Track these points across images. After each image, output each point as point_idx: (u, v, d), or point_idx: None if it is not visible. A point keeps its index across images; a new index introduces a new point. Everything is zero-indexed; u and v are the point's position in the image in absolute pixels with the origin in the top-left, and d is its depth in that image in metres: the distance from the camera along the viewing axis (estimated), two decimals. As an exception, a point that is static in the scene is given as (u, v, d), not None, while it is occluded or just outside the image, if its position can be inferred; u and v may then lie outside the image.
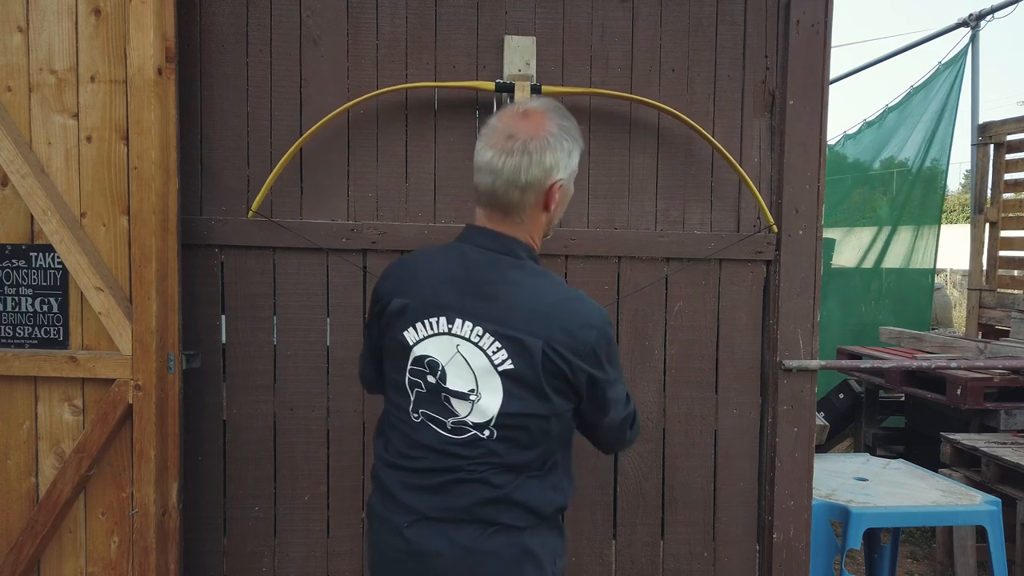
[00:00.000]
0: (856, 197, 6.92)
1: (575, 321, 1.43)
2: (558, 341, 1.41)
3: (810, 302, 2.30)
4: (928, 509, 2.68)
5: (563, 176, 1.47)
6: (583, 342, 1.42)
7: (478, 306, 1.43)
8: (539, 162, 1.42)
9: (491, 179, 1.43)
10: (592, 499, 2.32)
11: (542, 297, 1.44)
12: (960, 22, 5.79)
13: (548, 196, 1.47)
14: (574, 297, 1.47)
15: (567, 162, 1.47)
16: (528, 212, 1.47)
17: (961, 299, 9.66)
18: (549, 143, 1.43)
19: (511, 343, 1.41)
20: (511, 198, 1.44)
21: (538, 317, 1.41)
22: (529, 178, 1.43)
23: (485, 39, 2.25)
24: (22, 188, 2.09)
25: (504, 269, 1.46)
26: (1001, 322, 5.23)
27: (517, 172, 1.42)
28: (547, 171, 1.44)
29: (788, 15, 2.27)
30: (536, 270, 1.48)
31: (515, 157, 1.42)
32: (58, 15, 2.10)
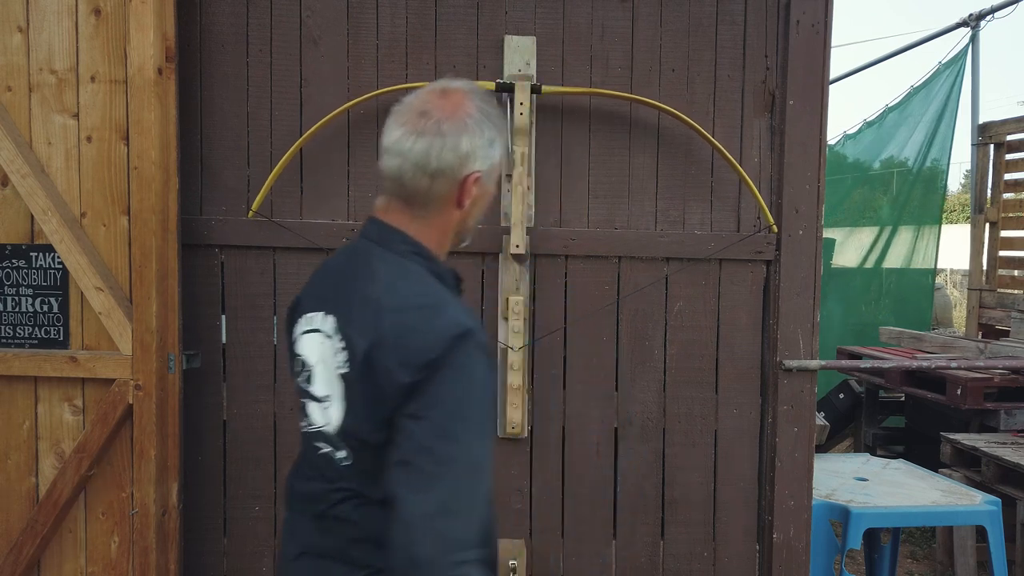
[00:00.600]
0: (856, 197, 6.92)
1: (416, 328, 1.15)
2: (387, 347, 1.14)
3: (810, 302, 2.30)
4: (928, 509, 2.68)
5: (481, 168, 1.25)
6: (416, 354, 1.13)
7: (340, 300, 1.25)
8: (454, 146, 1.22)
9: (397, 162, 1.23)
10: (592, 499, 2.32)
11: (392, 295, 1.20)
12: (960, 22, 5.79)
13: (462, 189, 1.25)
14: (431, 304, 1.19)
15: (487, 152, 1.26)
16: (436, 205, 1.26)
17: (961, 299, 9.66)
18: (467, 126, 1.23)
19: (349, 342, 1.20)
20: (418, 185, 1.23)
21: (377, 316, 1.18)
22: (441, 163, 1.22)
23: (485, 39, 2.25)
24: (22, 188, 2.09)
25: (372, 261, 1.26)
26: (1001, 322, 5.23)
27: (427, 155, 1.21)
28: (462, 158, 1.23)
29: (788, 15, 2.27)
30: (403, 266, 1.25)
31: (426, 138, 1.21)
32: (58, 15, 2.10)
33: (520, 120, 2.16)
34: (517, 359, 2.20)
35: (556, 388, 2.30)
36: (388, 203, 1.29)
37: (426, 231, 1.28)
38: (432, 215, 1.27)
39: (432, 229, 1.29)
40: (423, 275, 1.25)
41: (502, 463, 2.29)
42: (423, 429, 1.11)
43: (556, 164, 2.27)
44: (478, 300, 2.27)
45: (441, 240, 1.31)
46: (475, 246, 2.24)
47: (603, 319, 2.30)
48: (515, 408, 2.21)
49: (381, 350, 1.15)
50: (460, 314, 1.19)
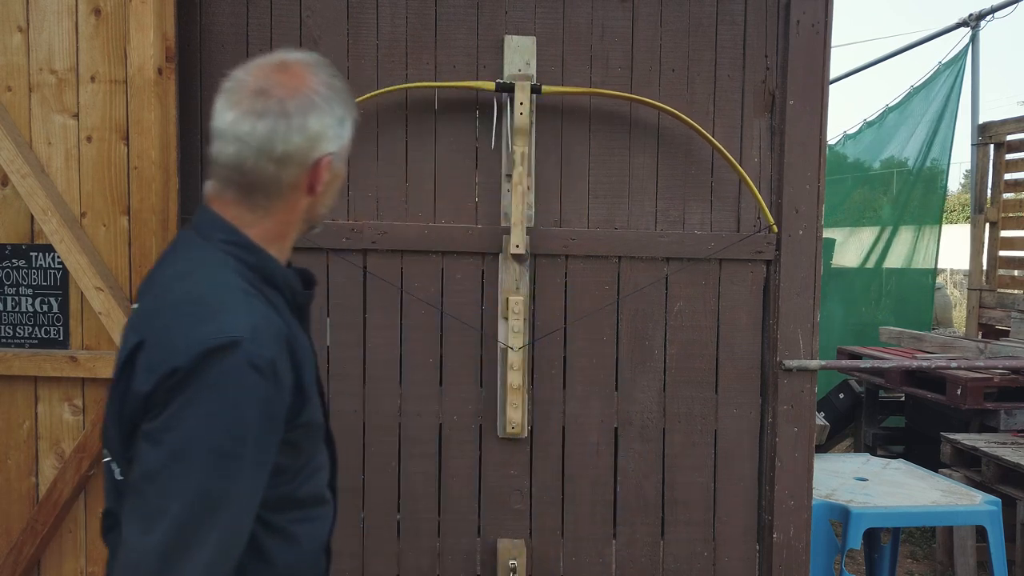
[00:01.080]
0: (857, 197, 6.92)
1: (173, 331, 0.99)
2: (144, 350, 1.00)
3: (810, 302, 2.30)
4: (928, 509, 2.68)
5: (333, 149, 1.12)
6: (160, 361, 0.97)
7: (142, 293, 1.12)
8: (301, 127, 1.07)
9: (234, 148, 1.07)
10: (592, 499, 2.32)
11: (169, 291, 1.06)
12: (960, 22, 5.79)
13: (314, 174, 1.11)
14: (203, 305, 1.02)
15: (338, 132, 1.13)
16: (284, 195, 1.11)
17: (961, 299, 9.66)
18: (315, 104, 1.09)
19: (123, 341, 1.06)
20: (262, 173, 1.08)
21: (149, 314, 1.05)
22: (288, 148, 1.07)
23: (485, 39, 2.25)
24: (22, 188, 2.09)
25: (179, 251, 1.13)
26: (1001, 322, 5.23)
27: (271, 139, 1.06)
28: (312, 140, 1.09)
29: (788, 15, 2.27)
30: (204, 259, 1.09)
31: (268, 119, 1.06)
32: (58, 15, 2.10)
33: (520, 120, 2.16)
34: (517, 359, 2.20)
35: (556, 388, 2.30)
36: (222, 191, 1.12)
37: (264, 222, 1.12)
38: (275, 204, 1.12)
39: (272, 220, 1.13)
40: (222, 271, 1.07)
41: (502, 463, 2.29)
42: (155, 454, 0.95)
43: (556, 164, 2.27)
44: (478, 300, 2.27)
45: (283, 231, 1.15)
46: (475, 246, 2.24)
47: (603, 319, 2.30)
48: (515, 408, 2.21)
49: (140, 353, 1.00)
50: (236, 322, 0.99)
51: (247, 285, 1.07)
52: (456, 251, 2.25)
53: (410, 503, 2.28)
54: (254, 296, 1.06)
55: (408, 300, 2.25)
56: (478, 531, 2.29)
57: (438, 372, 2.28)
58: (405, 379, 2.27)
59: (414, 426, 2.28)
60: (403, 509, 2.28)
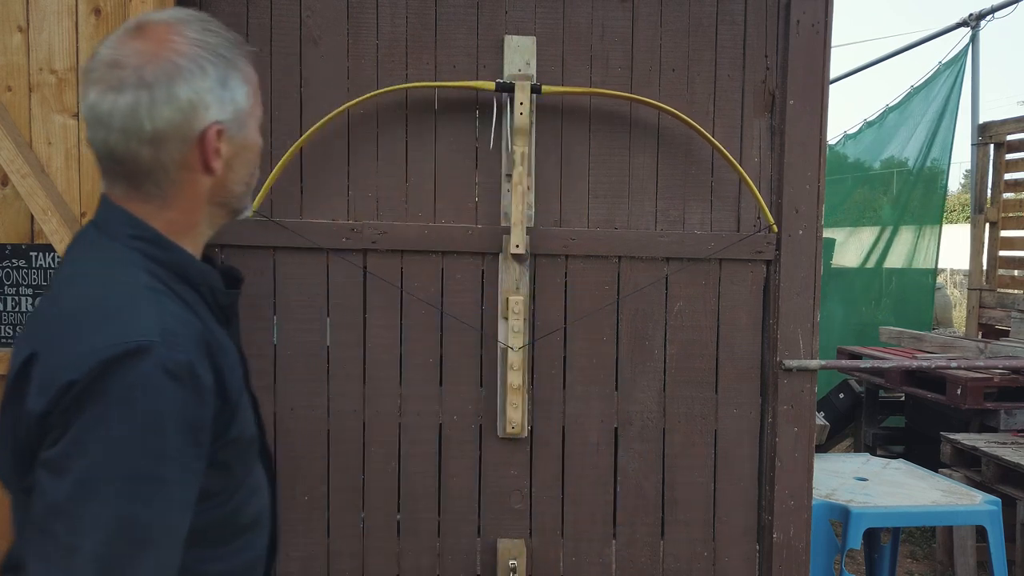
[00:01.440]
0: (857, 197, 6.92)
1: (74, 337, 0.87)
2: (41, 360, 0.87)
3: (810, 302, 2.30)
4: (928, 509, 2.68)
5: (221, 116, 0.97)
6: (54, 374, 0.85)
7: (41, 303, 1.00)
8: (168, 98, 0.93)
9: (102, 133, 0.94)
10: (592, 499, 2.32)
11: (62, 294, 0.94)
12: (960, 22, 5.79)
13: (203, 148, 0.97)
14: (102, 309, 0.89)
15: (222, 95, 0.97)
16: (176, 179, 0.97)
17: (961, 299, 9.66)
18: (180, 68, 0.94)
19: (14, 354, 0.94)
20: (140, 159, 0.95)
21: (41, 322, 0.93)
22: (157, 124, 0.93)
23: (485, 39, 2.25)
24: (22, 188, 2.09)
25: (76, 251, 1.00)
26: (1001, 322, 5.23)
27: (134, 117, 0.92)
28: (186, 111, 0.94)
29: (788, 15, 2.27)
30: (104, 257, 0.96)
31: (127, 93, 0.92)
32: (58, 15, 2.10)
33: (520, 120, 2.16)
34: (517, 359, 2.20)
35: (556, 388, 2.30)
36: (111, 186, 0.99)
37: (165, 213, 0.99)
38: (171, 191, 0.98)
39: (173, 209, 0.99)
40: (126, 269, 0.94)
41: (502, 463, 2.29)
42: (59, 485, 0.82)
43: (556, 164, 2.27)
44: (478, 300, 2.27)
45: (190, 221, 1.01)
46: (475, 246, 2.24)
47: (603, 319, 2.30)
48: (515, 408, 2.21)
49: (32, 367, 0.87)
50: (143, 325, 0.87)
51: (157, 283, 0.94)
52: (456, 251, 2.25)
53: (410, 503, 2.28)
54: (164, 294, 0.94)
55: (408, 300, 2.25)
56: (478, 531, 2.30)
57: (438, 372, 2.28)
58: (405, 379, 2.27)
59: (414, 426, 2.28)
60: (403, 509, 2.28)
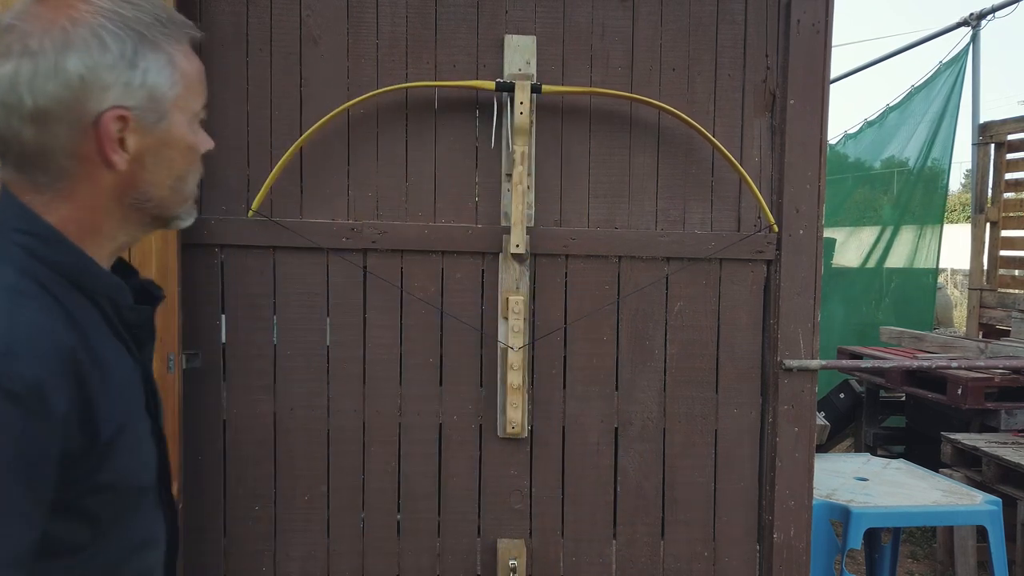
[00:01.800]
0: (858, 197, 6.92)
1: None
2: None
3: (811, 302, 2.30)
4: (929, 509, 2.68)
5: (127, 101, 0.84)
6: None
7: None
8: (53, 70, 0.80)
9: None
10: (592, 499, 2.31)
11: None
12: (961, 21, 5.78)
13: (100, 135, 0.83)
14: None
15: (129, 75, 0.84)
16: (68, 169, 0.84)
17: (962, 299, 9.65)
18: (71, 38, 0.81)
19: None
20: (21, 138, 0.82)
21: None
22: (39, 99, 0.81)
23: (485, 38, 2.24)
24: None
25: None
26: (1002, 322, 5.23)
27: (13, 87, 0.81)
28: (76, 89, 0.81)
29: (789, 14, 2.27)
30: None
31: (9, 63, 0.81)
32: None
33: (520, 120, 2.16)
34: (517, 359, 2.20)
35: (556, 388, 2.30)
36: (4, 170, 0.86)
37: (58, 208, 0.85)
38: (64, 184, 0.85)
39: (69, 205, 0.85)
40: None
41: (502, 463, 2.29)
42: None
43: (556, 164, 2.27)
44: (478, 300, 2.27)
45: (91, 221, 0.87)
46: (475, 246, 2.24)
47: (603, 319, 2.30)
48: (515, 408, 2.21)
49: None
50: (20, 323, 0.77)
51: (29, 284, 0.81)
52: (456, 251, 2.25)
53: (410, 503, 2.28)
54: (29, 297, 0.80)
55: (408, 300, 2.25)
56: (478, 531, 2.29)
57: (438, 372, 2.28)
58: (405, 379, 2.27)
59: (414, 426, 2.27)
60: (403, 509, 2.28)
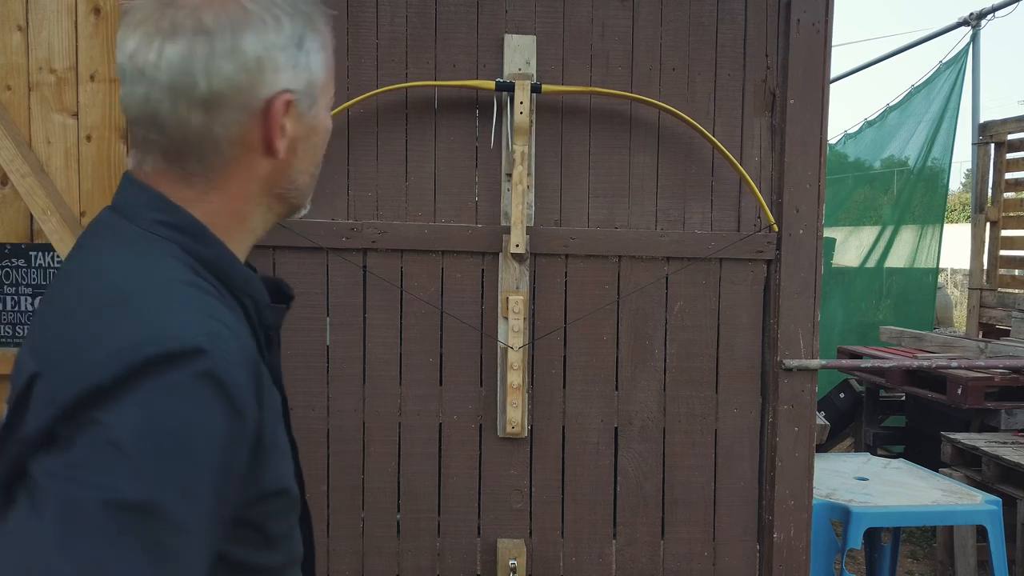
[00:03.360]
0: (858, 197, 6.92)
1: (95, 335, 0.65)
2: (49, 372, 0.66)
3: (811, 301, 2.30)
4: (929, 509, 2.67)
5: (293, 84, 0.78)
6: (74, 378, 0.63)
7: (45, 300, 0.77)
8: (232, 50, 0.73)
9: (142, 90, 0.73)
10: (592, 499, 2.31)
11: (84, 286, 0.71)
12: (961, 21, 5.78)
13: (267, 123, 0.76)
14: (144, 296, 0.68)
15: (296, 57, 0.78)
16: (228, 157, 0.76)
17: (962, 298, 9.65)
18: (250, 16, 0.74)
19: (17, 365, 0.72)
20: (187, 126, 0.74)
21: (58, 323, 0.70)
22: (215, 81, 0.72)
23: (485, 38, 2.24)
24: (22, 187, 2.09)
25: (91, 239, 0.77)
26: (1002, 321, 5.23)
27: (188, 69, 0.72)
28: (251, 70, 0.74)
29: (789, 14, 2.27)
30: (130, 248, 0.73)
31: (181, 40, 0.72)
32: (58, 14, 2.10)
33: (520, 119, 2.16)
34: (517, 358, 2.20)
35: (556, 388, 2.30)
36: (142, 160, 0.78)
37: (209, 199, 0.77)
38: (219, 173, 0.77)
39: (220, 195, 0.77)
40: (159, 259, 0.73)
41: (502, 463, 2.29)
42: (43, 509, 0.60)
43: (556, 163, 2.27)
44: (478, 299, 2.26)
45: (239, 212, 0.79)
46: (475, 245, 2.24)
47: (603, 318, 2.30)
48: (515, 408, 2.21)
49: (36, 384, 0.66)
50: (189, 319, 0.67)
51: (201, 281, 0.73)
52: (456, 250, 2.25)
53: (410, 503, 2.28)
54: (209, 294, 0.72)
55: (408, 300, 2.25)
56: (478, 531, 2.29)
57: (438, 372, 2.28)
58: (405, 379, 2.27)
59: (414, 426, 2.27)
60: (403, 509, 2.28)
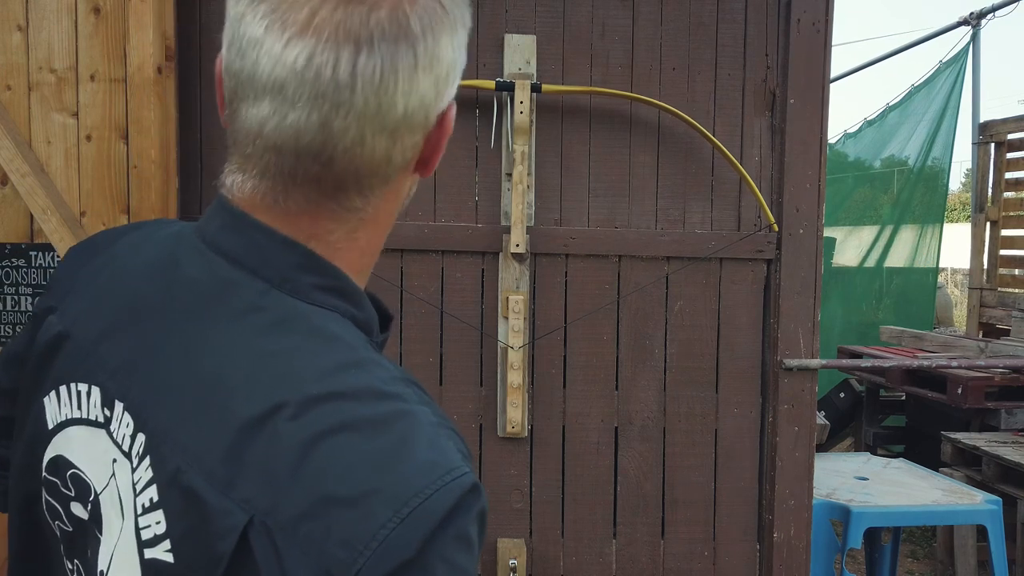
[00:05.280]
0: (858, 196, 6.92)
1: (366, 481, 0.52)
2: (293, 530, 0.51)
3: (811, 301, 2.30)
4: (929, 508, 2.68)
5: (454, 90, 0.66)
6: (366, 545, 0.50)
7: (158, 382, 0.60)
8: (432, 61, 0.60)
9: (320, 115, 0.57)
10: (592, 499, 2.31)
11: (291, 393, 0.55)
12: (961, 21, 5.78)
13: (435, 137, 0.64)
14: (389, 424, 0.54)
15: (462, 57, 0.66)
16: (385, 186, 0.63)
17: (962, 298, 9.65)
18: (448, 17, 0.61)
19: (180, 494, 0.55)
20: (369, 155, 0.59)
21: (259, 445, 0.53)
22: (413, 102, 0.59)
23: (485, 38, 2.24)
24: (22, 187, 2.08)
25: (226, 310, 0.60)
26: (1002, 321, 5.23)
27: (389, 91, 0.57)
28: (443, 81, 0.62)
29: (789, 13, 2.26)
30: (312, 324, 0.59)
31: (382, 53, 0.56)
32: (57, 14, 2.10)
33: (520, 119, 2.16)
34: (517, 358, 2.20)
35: (556, 387, 2.29)
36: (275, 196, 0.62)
37: (361, 236, 0.64)
38: (373, 205, 0.63)
39: (372, 229, 0.65)
40: (357, 349, 0.60)
41: (502, 463, 2.29)
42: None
43: (556, 163, 2.27)
44: (478, 299, 2.26)
45: (377, 247, 0.67)
46: (475, 245, 2.24)
47: (603, 318, 2.29)
48: (515, 407, 2.21)
49: (283, 536, 0.51)
50: (445, 446, 0.55)
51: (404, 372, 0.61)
52: (456, 250, 2.25)
53: (410, 502, 2.27)
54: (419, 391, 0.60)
55: (408, 299, 2.25)
56: (478, 530, 2.29)
57: (438, 372, 2.28)
58: (405, 378, 2.26)
59: (414, 425, 2.27)
60: (403, 508, 2.28)
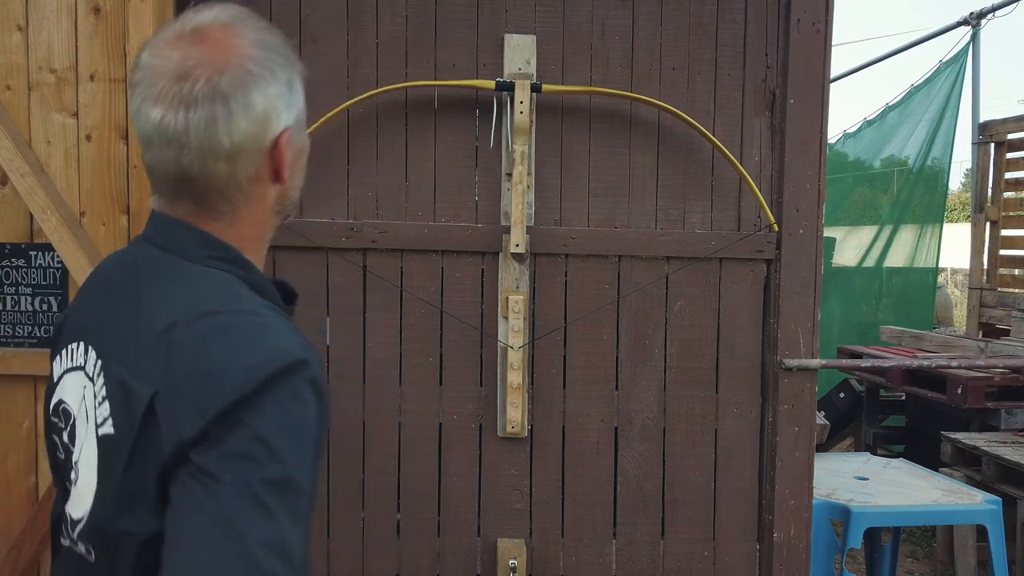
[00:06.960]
0: (857, 196, 6.92)
1: (219, 360, 0.81)
2: (179, 392, 0.80)
3: (811, 301, 2.30)
4: (929, 508, 2.68)
5: (289, 121, 0.92)
6: (213, 397, 0.79)
7: (106, 327, 0.91)
8: (245, 108, 0.87)
9: (172, 154, 0.86)
10: (592, 499, 2.31)
11: (189, 318, 0.84)
12: (961, 21, 5.78)
13: (275, 157, 0.91)
14: (246, 326, 0.85)
15: (289, 99, 0.92)
16: (248, 192, 0.91)
17: (962, 298, 9.65)
18: (253, 75, 0.88)
19: (117, 389, 0.85)
20: (215, 177, 0.88)
21: (162, 347, 0.83)
22: (236, 138, 0.86)
23: (485, 38, 2.24)
24: (21, 187, 2.09)
25: (155, 273, 0.91)
26: (1002, 321, 5.23)
27: (213, 133, 0.85)
28: (262, 121, 0.88)
29: (789, 13, 2.26)
30: (203, 278, 0.89)
31: (203, 109, 0.85)
32: (57, 14, 2.10)
33: (520, 119, 2.16)
34: (517, 358, 2.20)
35: (556, 387, 2.29)
36: (172, 204, 0.91)
37: (236, 228, 0.93)
38: (242, 207, 0.92)
39: (243, 223, 0.93)
40: (234, 288, 0.89)
41: (502, 463, 2.29)
42: (218, 497, 0.75)
43: (556, 163, 2.27)
44: (478, 299, 2.26)
45: (258, 233, 0.95)
46: (475, 245, 2.24)
47: (603, 318, 2.29)
48: (515, 407, 2.21)
49: (171, 399, 0.80)
50: (287, 339, 0.84)
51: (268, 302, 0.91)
52: (456, 250, 2.25)
53: (410, 503, 2.28)
54: (281, 315, 0.90)
55: (408, 299, 2.25)
56: (478, 531, 2.29)
57: (438, 372, 2.28)
58: (405, 379, 2.27)
59: (414, 426, 2.27)
60: (403, 509, 2.28)
